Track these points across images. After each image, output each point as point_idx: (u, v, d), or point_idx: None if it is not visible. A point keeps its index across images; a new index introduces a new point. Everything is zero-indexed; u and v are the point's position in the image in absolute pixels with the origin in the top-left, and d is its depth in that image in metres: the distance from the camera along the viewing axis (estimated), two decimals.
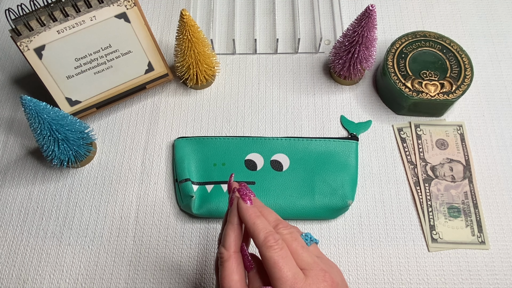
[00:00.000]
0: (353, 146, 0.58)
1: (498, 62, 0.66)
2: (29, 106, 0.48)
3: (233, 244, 0.37)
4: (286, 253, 0.34)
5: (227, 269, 0.36)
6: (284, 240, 0.35)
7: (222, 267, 0.36)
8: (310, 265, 0.34)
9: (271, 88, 0.65)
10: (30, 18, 0.53)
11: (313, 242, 0.37)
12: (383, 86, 0.62)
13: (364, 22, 0.54)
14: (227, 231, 0.37)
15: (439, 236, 0.54)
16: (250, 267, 0.37)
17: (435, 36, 0.62)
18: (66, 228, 0.57)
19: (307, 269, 0.34)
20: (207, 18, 0.72)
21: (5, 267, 0.55)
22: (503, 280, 0.52)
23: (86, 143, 0.58)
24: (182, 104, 0.64)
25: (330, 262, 0.37)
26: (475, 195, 0.57)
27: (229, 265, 0.36)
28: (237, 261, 0.36)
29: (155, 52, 0.60)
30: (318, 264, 0.35)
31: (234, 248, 0.37)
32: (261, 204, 0.38)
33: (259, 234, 0.35)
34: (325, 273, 0.34)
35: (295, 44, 0.69)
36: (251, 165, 0.58)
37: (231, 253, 0.36)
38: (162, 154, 0.61)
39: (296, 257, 0.35)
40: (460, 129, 0.61)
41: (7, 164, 0.61)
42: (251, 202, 0.37)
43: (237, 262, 0.36)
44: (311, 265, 0.35)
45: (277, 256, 0.34)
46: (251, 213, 0.36)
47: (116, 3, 0.55)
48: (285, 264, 0.33)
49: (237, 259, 0.36)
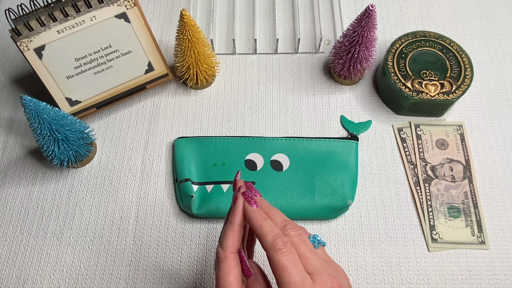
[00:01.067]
0: (353, 146, 0.58)
1: (498, 62, 0.66)
2: (29, 106, 0.48)
3: (230, 245, 0.36)
4: (294, 257, 0.34)
5: (222, 270, 0.35)
6: (292, 243, 0.35)
7: (218, 267, 0.35)
8: (318, 270, 0.34)
9: (271, 88, 0.65)
10: (30, 18, 0.53)
11: (321, 245, 0.37)
12: (383, 86, 0.62)
13: (364, 22, 0.54)
14: (226, 231, 0.37)
15: (439, 236, 0.54)
16: (249, 274, 0.36)
17: (435, 36, 0.62)
18: (66, 228, 0.57)
19: (315, 274, 0.34)
20: (207, 18, 0.72)
21: (5, 267, 0.55)
22: (503, 280, 0.52)
23: (86, 143, 0.58)
24: (182, 104, 0.64)
25: (337, 266, 0.37)
26: (475, 195, 0.57)
27: (225, 266, 0.35)
28: (233, 262, 0.36)
29: (155, 52, 0.60)
30: (326, 269, 0.34)
31: (231, 249, 0.36)
32: (268, 204, 0.38)
33: (266, 236, 0.34)
34: (333, 278, 0.34)
35: (295, 44, 0.69)
36: (251, 165, 0.58)
37: (227, 253, 0.36)
38: (162, 154, 0.61)
39: (304, 261, 0.34)
40: (460, 129, 0.61)
41: (7, 164, 0.61)
42: (256, 205, 0.37)
43: (233, 263, 0.36)
44: (319, 270, 0.34)
45: (286, 260, 0.33)
46: (258, 216, 0.36)
47: (116, 3, 0.55)
48: (294, 268, 0.33)
49: (234, 260, 0.36)
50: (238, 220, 0.37)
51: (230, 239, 0.36)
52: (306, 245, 0.35)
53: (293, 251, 0.34)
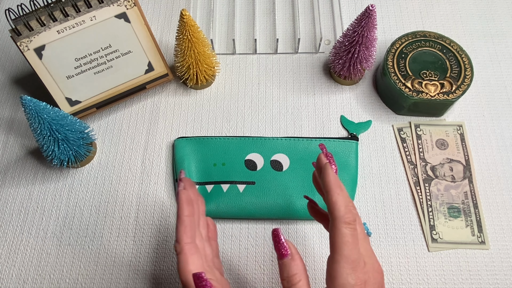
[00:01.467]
0: (353, 146, 0.58)
1: (498, 62, 0.66)
2: (29, 106, 0.48)
3: (183, 237, 0.37)
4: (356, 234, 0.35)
5: (181, 261, 0.36)
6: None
7: (177, 261, 0.37)
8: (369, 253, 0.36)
9: (271, 88, 0.65)
10: (30, 18, 0.53)
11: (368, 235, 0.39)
12: (383, 86, 0.62)
13: (364, 22, 0.54)
14: (176, 225, 0.38)
15: (439, 236, 0.54)
16: (285, 253, 0.36)
17: (435, 36, 0.62)
18: (66, 228, 0.57)
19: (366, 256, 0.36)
20: (207, 18, 0.72)
21: (5, 267, 0.55)
22: (503, 280, 0.52)
23: (86, 143, 0.58)
24: (182, 104, 0.64)
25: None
26: (475, 195, 0.57)
27: (182, 257, 0.36)
28: (190, 252, 0.37)
29: (155, 52, 0.60)
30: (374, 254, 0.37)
31: (186, 240, 0.37)
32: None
33: (341, 206, 0.35)
34: (379, 265, 0.36)
35: (295, 44, 0.69)
36: (251, 165, 0.58)
37: (182, 245, 0.37)
38: (162, 154, 0.61)
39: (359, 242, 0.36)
40: (460, 129, 0.61)
41: (7, 164, 0.61)
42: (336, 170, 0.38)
43: (190, 252, 0.37)
44: (370, 253, 0.36)
45: (351, 235, 0.35)
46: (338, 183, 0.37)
47: (116, 3, 0.55)
48: (355, 245, 0.35)
49: (190, 249, 0.37)
50: (184, 211, 0.38)
51: (181, 231, 0.37)
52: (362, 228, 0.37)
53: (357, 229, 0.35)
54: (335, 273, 0.34)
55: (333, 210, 0.36)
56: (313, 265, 0.54)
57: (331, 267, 0.35)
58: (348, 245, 0.34)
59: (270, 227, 0.56)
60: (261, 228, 0.56)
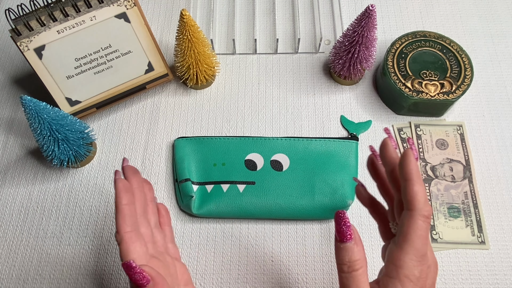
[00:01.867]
0: (353, 146, 0.58)
1: (498, 62, 0.66)
2: (29, 106, 0.48)
3: (123, 225, 0.37)
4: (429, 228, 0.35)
5: (123, 251, 0.36)
6: None
7: (119, 251, 0.36)
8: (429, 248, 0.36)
9: (271, 88, 0.65)
10: (30, 18, 0.53)
11: None
12: (383, 86, 0.62)
13: (364, 22, 0.54)
14: (115, 215, 0.38)
15: (439, 236, 0.54)
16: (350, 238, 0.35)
17: (435, 36, 0.62)
18: (66, 228, 0.57)
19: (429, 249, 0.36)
20: (207, 18, 0.72)
21: (5, 267, 0.55)
22: (503, 280, 0.52)
23: (86, 143, 0.58)
24: (182, 104, 0.64)
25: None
26: (475, 195, 0.57)
27: (123, 246, 0.36)
28: (130, 240, 0.36)
29: (155, 52, 0.60)
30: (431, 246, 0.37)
31: (125, 229, 0.37)
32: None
33: (421, 198, 0.34)
34: (435, 257, 0.37)
35: (295, 44, 0.69)
36: (251, 165, 0.58)
37: (122, 233, 0.37)
38: (162, 154, 0.61)
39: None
40: (460, 129, 0.61)
41: (7, 164, 0.61)
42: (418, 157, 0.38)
43: (130, 240, 0.36)
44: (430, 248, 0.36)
45: (426, 229, 0.34)
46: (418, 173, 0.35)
47: (116, 3, 0.55)
48: (427, 239, 0.35)
49: (131, 237, 0.37)
50: (122, 200, 0.38)
51: (120, 220, 0.37)
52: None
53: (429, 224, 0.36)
54: (401, 263, 0.34)
55: (412, 200, 0.34)
56: (313, 265, 0.54)
57: (397, 256, 0.35)
58: (421, 239, 0.34)
59: (270, 227, 0.56)
60: (261, 228, 0.56)
